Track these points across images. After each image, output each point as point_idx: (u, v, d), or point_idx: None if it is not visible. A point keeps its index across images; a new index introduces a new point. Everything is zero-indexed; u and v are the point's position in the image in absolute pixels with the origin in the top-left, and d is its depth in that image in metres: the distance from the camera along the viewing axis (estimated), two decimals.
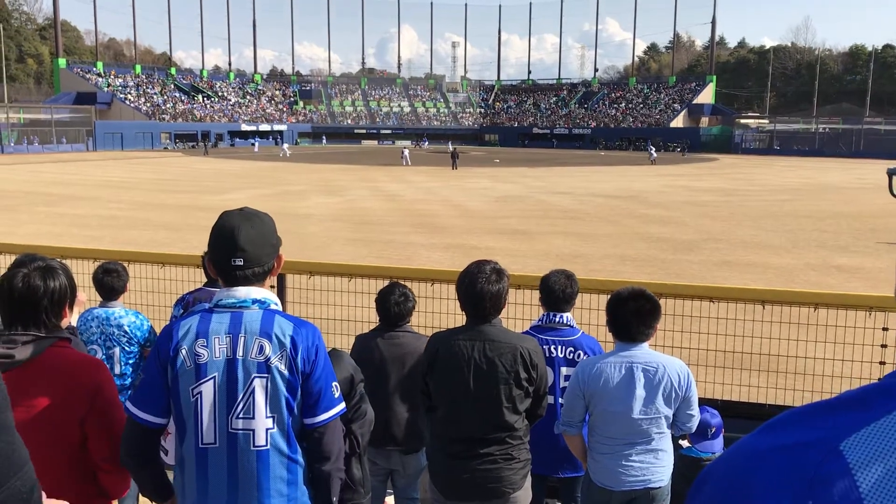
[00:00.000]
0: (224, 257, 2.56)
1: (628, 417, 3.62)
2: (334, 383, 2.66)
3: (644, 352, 3.68)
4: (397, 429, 4.35)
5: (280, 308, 2.66)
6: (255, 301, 2.58)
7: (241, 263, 2.56)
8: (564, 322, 4.31)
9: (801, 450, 0.73)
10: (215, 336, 2.53)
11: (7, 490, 1.82)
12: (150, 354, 2.66)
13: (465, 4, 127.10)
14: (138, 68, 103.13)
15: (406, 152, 59.47)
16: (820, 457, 0.71)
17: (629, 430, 3.65)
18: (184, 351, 2.52)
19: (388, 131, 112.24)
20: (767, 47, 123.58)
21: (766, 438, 0.78)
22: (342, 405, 2.69)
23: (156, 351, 2.61)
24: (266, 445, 2.52)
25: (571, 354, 4.21)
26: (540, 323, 4.36)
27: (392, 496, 4.86)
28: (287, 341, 2.52)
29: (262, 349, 2.51)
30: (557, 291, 4.28)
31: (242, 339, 2.52)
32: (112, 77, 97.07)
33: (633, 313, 3.65)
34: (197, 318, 2.59)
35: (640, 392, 3.60)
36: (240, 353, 2.51)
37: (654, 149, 69.40)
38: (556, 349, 4.21)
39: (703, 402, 4.75)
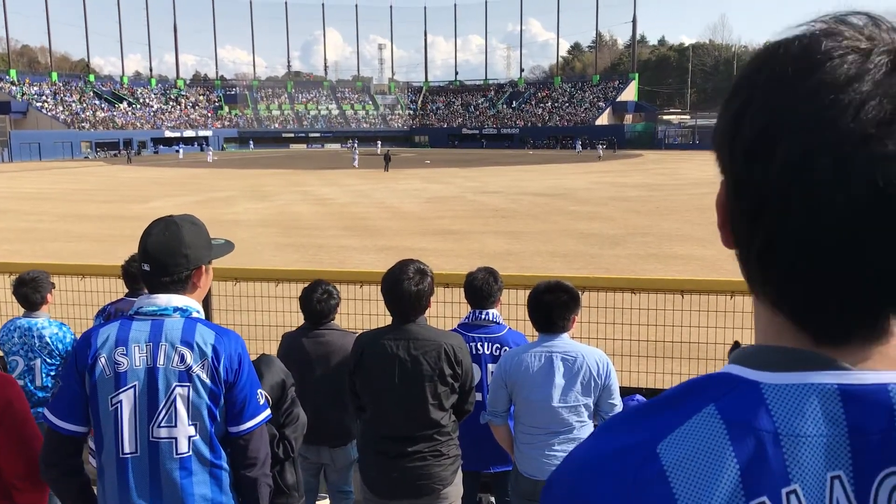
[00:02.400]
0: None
1: (549, 406, 3.71)
2: (259, 391, 2.65)
3: (564, 342, 3.78)
4: (325, 425, 4.36)
5: (202, 316, 2.64)
6: (176, 309, 2.55)
7: (148, 269, 2.55)
8: (490, 319, 4.38)
9: (626, 454, 0.74)
10: (135, 344, 2.49)
11: None
12: (68, 361, 2.61)
13: (391, 6, 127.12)
14: (55, 75, 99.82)
15: (356, 154, 60.13)
16: (639, 460, 0.73)
17: (550, 419, 3.73)
18: (103, 359, 2.48)
19: (317, 134, 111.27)
20: (687, 45, 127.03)
21: (601, 442, 0.79)
22: (267, 412, 2.68)
23: (73, 358, 2.56)
24: (189, 453, 2.50)
25: (498, 351, 4.28)
26: (467, 321, 4.42)
27: (326, 499, 4.86)
28: (209, 350, 2.50)
29: (183, 358, 2.48)
30: (478, 289, 4.35)
31: (163, 347, 2.49)
32: (27, 85, 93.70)
33: (552, 304, 3.75)
34: (117, 326, 2.55)
35: (559, 381, 3.69)
36: (161, 361, 2.48)
37: (580, 144, 72.16)
38: (482, 346, 4.27)
39: (631, 391, 4.89)
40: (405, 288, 3.50)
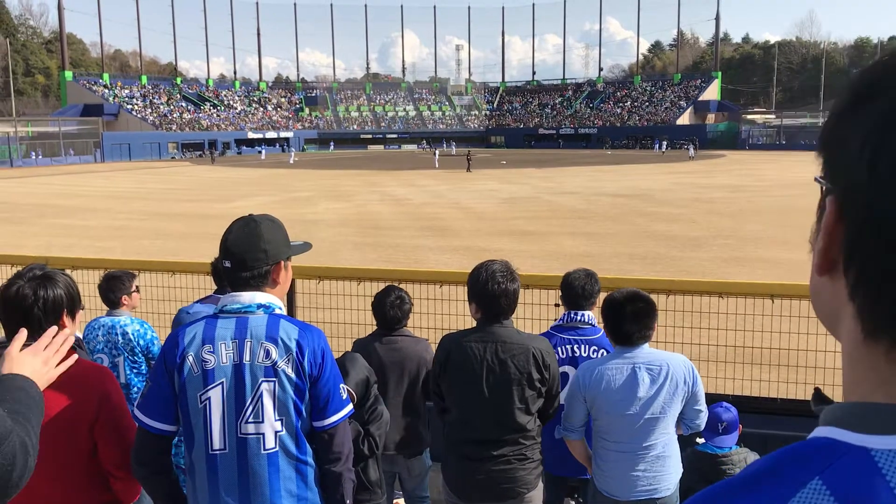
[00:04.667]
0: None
1: (633, 420, 3.57)
2: (342, 385, 2.68)
3: (646, 351, 3.64)
4: (397, 433, 4.33)
5: (285, 312, 2.68)
6: (259, 306, 2.60)
7: (229, 266, 2.61)
8: (586, 321, 4.25)
9: None
10: (221, 342, 2.55)
11: None
12: (157, 361, 2.68)
13: (468, 7, 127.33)
14: (144, 79, 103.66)
15: (437, 154, 61.28)
16: None
17: (634, 434, 3.60)
18: (190, 357, 2.54)
19: (394, 135, 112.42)
20: (772, 42, 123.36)
21: None
22: (350, 407, 2.70)
23: (162, 358, 2.62)
24: (276, 448, 2.54)
25: (595, 353, 4.14)
26: (561, 322, 4.31)
27: (401, 498, 4.87)
28: (293, 345, 2.54)
29: (268, 353, 2.53)
30: (577, 289, 4.23)
31: (249, 343, 2.54)
32: (118, 88, 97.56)
33: (631, 316, 3.58)
34: (202, 324, 2.61)
35: (642, 393, 3.55)
36: (246, 357, 2.53)
37: (665, 144, 71.28)
38: (579, 348, 4.15)
39: (716, 398, 4.74)
40: (500, 287, 3.44)
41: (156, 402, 2.59)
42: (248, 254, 2.60)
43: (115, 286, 4.97)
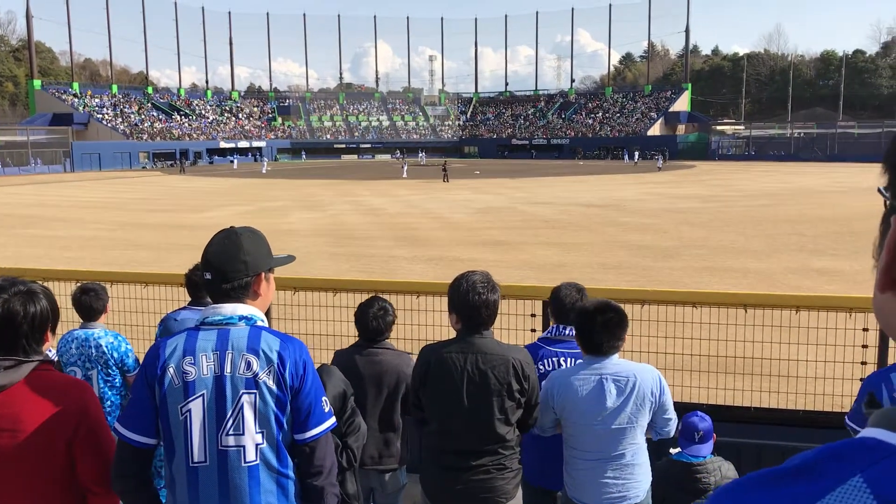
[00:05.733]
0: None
1: (601, 430, 3.62)
2: (324, 398, 2.67)
3: (614, 363, 3.69)
4: (374, 447, 4.28)
5: (266, 325, 2.67)
6: (241, 318, 2.59)
7: (209, 278, 2.61)
8: (573, 335, 4.29)
9: None
10: (202, 353, 2.53)
11: None
12: (138, 374, 2.66)
13: (441, 18, 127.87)
14: (115, 88, 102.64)
15: (405, 166, 61.10)
16: None
17: (601, 444, 3.65)
18: (171, 369, 2.52)
19: (368, 145, 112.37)
20: (741, 54, 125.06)
21: None
22: (332, 420, 2.69)
23: (143, 370, 2.61)
24: (256, 461, 2.52)
25: None
26: (549, 335, 4.33)
27: None
28: (274, 357, 2.53)
29: (249, 365, 2.51)
30: (567, 303, 4.25)
31: (230, 355, 2.52)
32: (88, 97, 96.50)
33: (602, 326, 3.64)
34: (184, 336, 2.59)
35: (610, 404, 3.60)
36: (227, 369, 2.51)
37: (637, 154, 72.13)
38: (565, 361, 4.17)
39: (690, 408, 4.78)
40: (479, 299, 3.45)
41: (136, 416, 2.57)
42: (227, 265, 2.60)
43: (94, 298, 4.90)
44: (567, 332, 4.25)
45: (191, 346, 2.55)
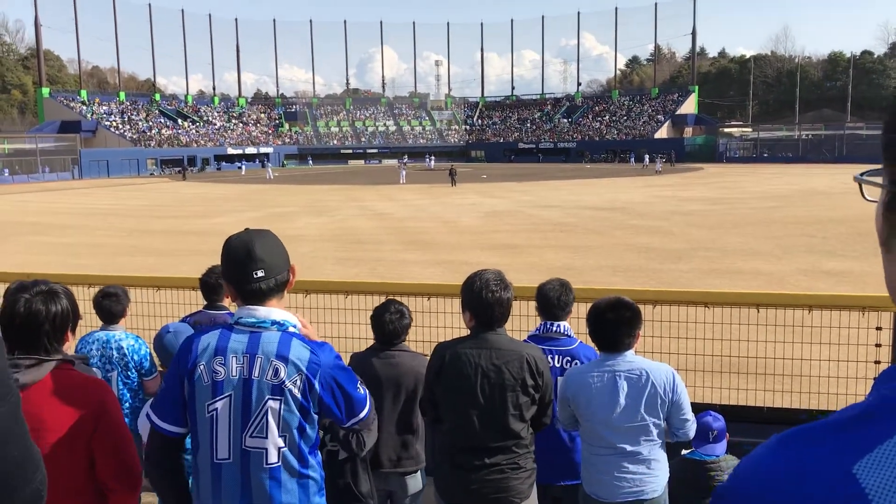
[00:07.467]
0: (243, 272, 2.58)
1: (616, 426, 3.64)
2: (359, 383, 2.73)
3: (628, 360, 3.70)
4: (392, 450, 4.28)
5: (298, 331, 2.68)
6: (273, 322, 2.61)
7: (263, 274, 2.59)
8: (562, 332, 4.31)
9: (814, 472, 0.66)
10: (233, 354, 2.57)
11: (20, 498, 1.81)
12: (171, 365, 2.71)
13: (448, 23, 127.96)
14: (122, 95, 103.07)
15: (404, 171, 60.70)
16: (832, 482, 0.64)
17: (617, 439, 3.66)
18: (202, 367, 2.57)
19: (375, 150, 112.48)
20: (748, 56, 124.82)
21: (779, 458, 0.70)
22: (369, 405, 2.78)
23: (175, 363, 2.66)
24: (278, 463, 2.56)
25: (568, 364, 4.19)
26: (537, 332, 4.35)
27: None
28: (303, 366, 2.56)
29: (277, 372, 2.54)
30: (553, 299, 4.29)
31: (259, 360, 2.56)
32: (96, 105, 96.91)
33: (614, 323, 3.67)
34: (217, 335, 2.63)
35: (623, 400, 3.62)
36: (256, 373, 2.55)
37: (647, 157, 73.79)
38: (553, 359, 4.20)
39: (703, 408, 4.77)
40: (492, 296, 3.48)
41: (168, 405, 2.63)
42: (279, 258, 2.65)
43: (114, 302, 4.95)
44: (555, 329, 4.27)
45: (223, 345, 2.59)
